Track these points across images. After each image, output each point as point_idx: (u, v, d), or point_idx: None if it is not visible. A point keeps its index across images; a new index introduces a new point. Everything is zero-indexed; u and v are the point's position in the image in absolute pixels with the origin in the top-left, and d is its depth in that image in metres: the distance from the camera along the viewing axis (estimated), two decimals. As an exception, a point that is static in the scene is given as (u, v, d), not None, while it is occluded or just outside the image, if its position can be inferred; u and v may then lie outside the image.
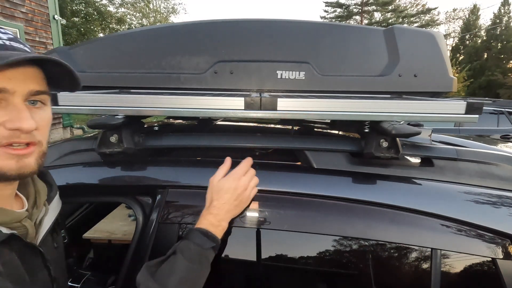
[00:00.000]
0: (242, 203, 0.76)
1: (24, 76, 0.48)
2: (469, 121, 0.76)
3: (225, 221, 0.74)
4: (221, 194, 0.75)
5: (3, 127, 0.46)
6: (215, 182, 0.78)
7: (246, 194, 0.77)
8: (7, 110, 0.46)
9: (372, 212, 0.81)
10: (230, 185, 0.75)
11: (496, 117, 5.03)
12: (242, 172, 0.78)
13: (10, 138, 0.46)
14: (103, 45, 1.05)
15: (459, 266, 0.79)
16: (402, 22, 26.53)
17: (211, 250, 0.69)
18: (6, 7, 6.00)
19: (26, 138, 0.48)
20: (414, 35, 1.01)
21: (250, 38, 1.01)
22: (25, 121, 0.47)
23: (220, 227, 0.73)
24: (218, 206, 0.74)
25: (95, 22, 17.26)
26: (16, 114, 0.46)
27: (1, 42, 0.47)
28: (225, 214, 0.74)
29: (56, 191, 0.67)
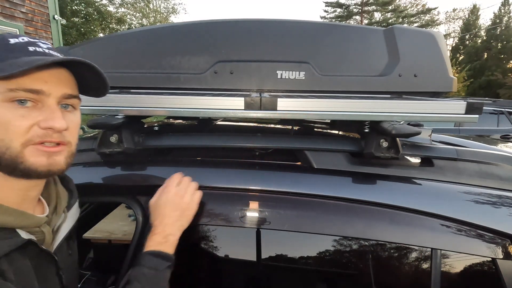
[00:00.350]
0: (185, 210, 0.76)
1: (58, 80, 0.51)
2: (469, 121, 0.76)
3: (174, 235, 0.73)
4: (159, 212, 0.76)
5: (37, 126, 0.49)
6: (151, 204, 0.79)
7: (185, 201, 0.77)
8: (42, 111, 0.49)
9: (372, 212, 0.81)
10: (164, 200, 0.76)
11: (496, 117, 5.03)
12: (173, 184, 0.78)
13: (43, 137, 0.49)
14: (103, 45, 1.05)
15: (459, 266, 0.79)
16: (402, 22, 26.53)
17: (167, 269, 0.68)
18: (6, 7, 6.00)
19: (57, 138, 0.51)
20: (414, 35, 1.01)
21: (250, 38, 1.01)
22: (58, 120, 0.50)
23: (168, 242, 0.72)
24: (159, 224, 0.74)
25: (95, 22, 17.26)
26: (50, 114, 0.49)
27: (41, 50, 0.51)
28: (170, 228, 0.73)
29: (76, 198, 0.68)
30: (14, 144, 0.47)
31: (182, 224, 0.76)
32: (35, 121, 0.48)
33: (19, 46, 0.49)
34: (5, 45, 0.49)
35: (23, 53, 0.49)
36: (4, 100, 0.46)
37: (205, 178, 0.89)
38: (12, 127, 0.47)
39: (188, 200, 0.78)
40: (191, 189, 0.80)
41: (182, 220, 0.76)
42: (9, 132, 0.47)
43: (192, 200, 0.78)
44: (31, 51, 0.50)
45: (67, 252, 0.64)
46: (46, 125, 0.49)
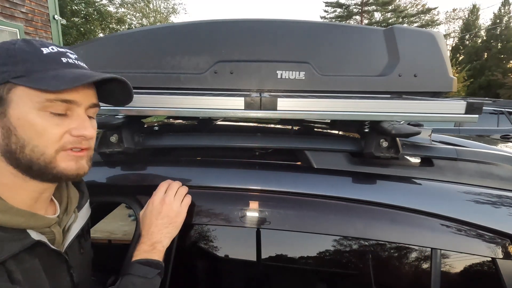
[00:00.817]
0: (174, 218, 0.76)
1: (88, 90, 0.55)
2: (469, 121, 0.76)
3: (161, 242, 0.73)
4: (145, 221, 0.76)
5: (69, 134, 0.52)
6: (140, 215, 0.79)
7: (173, 208, 0.76)
8: (73, 119, 0.52)
9: (372, 212, 0.81)
10: (150, 209, 0.77)
11: (496, 117, 5.04)
12: (160, 192, 0.78)
13: (74, 143, 0.53)
14: (103, 45, 1.05)
15: (459, 266, 0.79)
16: (402, 22, 26.53)
17: (157, 277, 0.68)
18: (6, 7, 6.00)
19: (85, 144, 0.54)
20: (414, 35, 1.01)
21: (250, 38, 1.01)
22: (89, 129, 0.54)
23: (155, 249, 0.71)
24: (146, 233, 0.74)
25: (95, 22, 17.25)
26: (81, 122, 0.53)
27: (72, 61, 0.54)
28: (157, 236, 0.73)
29: (87, 199, 0.70)
30: (49, 150, 0.50)
31: (170, 231, 0.75)
32: (67, 129, 0.52)
33: (53, 57, 0.51)
34: (38, 55, 0.50)
35: (59, 65, 0.51)
36: (41, 109, 0.49)
37: (205, 178, 0.89)
38: (48, 134, 0.50)
39: (176, 207, 0.77)
40: (179, 195, 0.79)
41: (170, 227, 0.75)
42: (45, 139, 0.50)
43: (180, 207, 0.78)
44: (65, 63, 0.52)
45: (78, 251, 0.65)
46: (78, 133, 0.52)
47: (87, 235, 0.72)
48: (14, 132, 0.48)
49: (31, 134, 0.49)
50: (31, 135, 0.49)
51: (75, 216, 0.64)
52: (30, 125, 0.49)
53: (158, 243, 0.73)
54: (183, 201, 0.79)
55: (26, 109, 0.48)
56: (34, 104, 0.48)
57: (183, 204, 0.79)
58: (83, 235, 0.69)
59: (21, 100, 0.48)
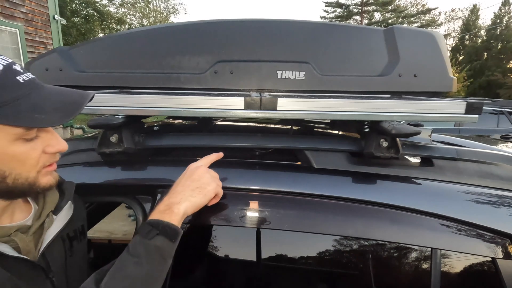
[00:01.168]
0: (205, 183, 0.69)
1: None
2: (469, 121, 0.76)
3: (179, 204, 0.64)
4: (177, 180, 0.71)
5: (43, 152, 0.53)
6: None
7: (205, 177, 0.70)
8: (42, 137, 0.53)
9: (372, 212, 0.81)
10: (184, 173, 0.73)
11: (496, 117, 5.04)
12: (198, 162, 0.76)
13: (51, 160, 0.55)
14: (103, 45, 1.05)
15: (459, 266, 0.79)
16: (402, 22, 26.54)
17: (160, 238, 0.59)
18: (6, 7, 6.00)
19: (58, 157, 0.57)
20: (414, 35, 1.01)
21: (250, 38, 1.01)
22: (62, 143, 0.55)
23: (170, 209, 0.63)
24: (171, 191, 0.68)
25: (95, 22, 17.25)
26: (53, 139, 0.54)
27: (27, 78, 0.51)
28: (177, 196, 0.65)
29: (68, 200, 0.67)
30: (32, 174, 0.52)
31: (196, 196, 0.66)
32: (42, 147, 0.53)
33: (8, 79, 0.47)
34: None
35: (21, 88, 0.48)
36: (17, 139, 0.49)
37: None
38: (28, 160, 0.51)
39: (208, 177, 0.71)
40: (212, 173, 0.74)
41: (196, 191, 0.67)
42: (27, 166, 0.51)
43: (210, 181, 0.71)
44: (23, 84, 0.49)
45: (62, 254, 0.63)
46: (54, 150, 0.54)
47: (80, 237, 0.70)
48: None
49: (13, 165, 0.49)
50: (13, 166, 0.49)
51: (50, 220, 0.61)
52: (10, 157, 0.49)
53: (175, 204, 0.64)
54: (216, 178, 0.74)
55: (3, 143, 0.47)
56: (11, 136, 0.48)
57: (216, 180, 0.74)
58: (75, 238, 0.68)
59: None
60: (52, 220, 0.62)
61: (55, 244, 0.61)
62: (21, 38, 6.33)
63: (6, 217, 0.56)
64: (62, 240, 0.64)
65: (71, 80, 0.98)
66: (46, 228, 0.60)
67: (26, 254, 0.55)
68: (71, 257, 0.65)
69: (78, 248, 0.69)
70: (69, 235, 0.66)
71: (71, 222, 0.67)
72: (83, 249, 0.71)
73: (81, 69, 1.00)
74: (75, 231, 0.68)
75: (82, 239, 0.71)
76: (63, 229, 0.64)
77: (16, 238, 0.54)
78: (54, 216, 0.62)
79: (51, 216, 0.62)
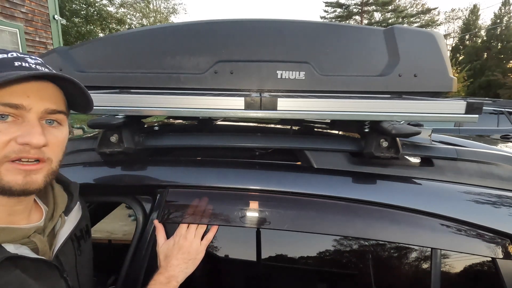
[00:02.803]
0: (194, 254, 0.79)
1: (41, 94, 0.50)
2: (469, 121, 0.76)
3: (177, 278, 0.75)
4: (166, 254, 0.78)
5: (15, 142, 0.47)
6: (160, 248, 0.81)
7: (194, 245, 0.79)
8: (21, 126, 0.48)
9: (372, 212, 0.81)
10: (172, 243, 0.79)
11: (496, 117, 5.03)
12: (182, 229, 0.81)
13: (19, 153, 0.48)
14: (103, 45, 1.05)
15: (459, 266, 0.79)
16: (402, 22, 26.54)
17: None
18: (6, 7, 6.00)
19: (35, 154, 0.49)
20: (414, 35, 1.01)
21: (250, 38, 1.01)
22: (35, 136, 0.48)
23: (171, 283, 0.74)
24: (166, 265, 0.76)
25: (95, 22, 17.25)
26: (28, 129, 0.48)
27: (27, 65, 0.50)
28: (175, 269, 0.76)
29: (77, 201, 0.68)
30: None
31: (188, 267, 0.78)
32: (13, 136, 0.47)
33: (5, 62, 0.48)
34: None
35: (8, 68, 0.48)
36: None
37: (205, 178, 0.89)
38: None
39: (197, 244, 0.80)
40: (199, 233, 0.82)
41: (189, 263, 0.78)
42: None
43: (200, 245, 0.80)
44: (16, 66, 0.48)
45: (73, 254, 0.64)
46: (23, 140, 0.47)
47: (86, 236, 0.71)
48: None
49: None
50: None
51: (62, 221, 0.62)
52: None
53: (174, 277, 0.75)
54: (203, 239, 0.82)
55: None
56: None
57: (203, 242, 0.81)
58: (81, 237, 0.69)
59: None
60: (64, 221, 0.63)
61: (66, 244, 0.62)
62: (21, 38, 6.33)
63: (23, 218, 0.56)
64: (72, 240, 0.65)
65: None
66: (59, 229, 0.61)
67: (42, 255, 0.55)
68: (80, 256, 0.66)
69: (85, 247, 0.70)
70: (76, 235, 0.67)
71: (79, 222, 0.68)
72: (89, 248, 0.73)
73: (81, 69, 1.00)
74: (81, 231, 0.69)
75: (88, 238, 0.73)
76: (74, 229, 0.65)
77: (35, 239, 0.54)
78: (66, 217, 0.63)
79: (63, 217, 0.63)
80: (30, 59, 0.52)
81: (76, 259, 0.65)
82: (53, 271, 0.57)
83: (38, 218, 0.59)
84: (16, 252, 0.50)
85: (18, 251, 0.51)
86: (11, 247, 0.50)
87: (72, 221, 0.66)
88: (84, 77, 0.99)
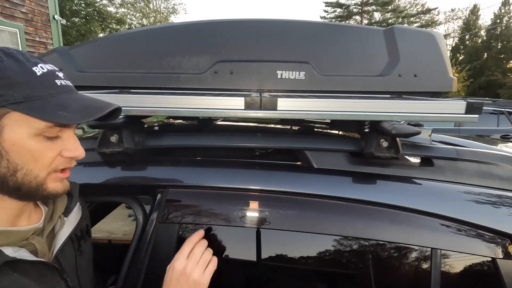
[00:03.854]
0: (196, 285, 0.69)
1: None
2: (469, 121, 0.76)
3: None
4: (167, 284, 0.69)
5: (60, 155, 0.53)
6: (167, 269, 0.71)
7: (192, 280, 0.68)
8: (63, 141, 0.53)
9: (372, 212, 0.81)
10: (170, 275, 0.69)
11: (496, 117, 5.04)
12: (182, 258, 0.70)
13: (65, 165, 0.54)
14: (103, 45, 1.05)
15: (459, 266, 0.79)
16: (402, 22, 26.54)
17: None
18: (6, 7, 6.00)
19: (74, 163, 0.56)
20: (414, 35, 1.01)
21: (250, 38, 1.01)
22: (80, 150, 0.55)
23: None
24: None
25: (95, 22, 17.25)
26: (73, 144, 0.54)
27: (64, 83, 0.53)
28: None
29: (76, 201, 0.68)
30: (42, 173, 0.51)
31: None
32: (59, 151, 0.52)
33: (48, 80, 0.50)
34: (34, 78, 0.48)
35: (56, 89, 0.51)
36: (37, 134, 0.49)
37: (205, 178, 0.89)
38: (44, 158, 0.50)
39: (198, 276, 0.69)
40: (203, 262, 0.71)
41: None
42: (40, 163, 0.50)
43: (202, 275, 0.70)
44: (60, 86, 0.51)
45: (73, 254, 0.65)
46: (71, 155, 0.53)
47: (86, 236, 0.71)
48: (6, 157, 0.48)
49: (27, 159, 0.49)
50: (27, 160, 0.49)
51: (62, 222, 0.62)
52: (26, 150, 0.48)
53: None
54: (206, 269, 0.71)
55: (23, 135, 0.48)
56: (32, 130, 0.48)
57: (207, 271, 0.71)
58: (81, 238, 0.69)
59: (17, 126, 0.47)
60: (64, 222, 0.63)
61: (66, 245, 0.62)
62: (21, 38, 6.33)
63: (24, 219, 0.56)
64: (72, 241, 0.65)
65: (71, 80, 0.96)
66: (58, 230, 0.61)
67: (42, 257, 0.55)
68: (80, 256, 0.66)
69: (85, 247, 0.70)
70: (77, 235, 0.67)
71: (79, 223, 0.68)
72: (90, 248, 0.72)
73: (81, 69, 1.00)
74: (81, 231, 0.69)
75: (88, 238, 0.72)
76: (73, 230, 0.65)
77: (34, 241, 0.55)
78: (65, 218, 0.64)
79: (62, 218, 0.63)
80: (58, 72, 0.53)
81: (76, 259, 0.65)
82: (53, 272, 0.57)
83: (37, 219, 0.59)
84: (15, 255, 0.50)
85: (16, 254, 0.51)
86: (9, 250, 0.50)
87: (72, 222, 0.66)
88: (84, 77, 0.99)
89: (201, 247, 0.73)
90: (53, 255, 0.58)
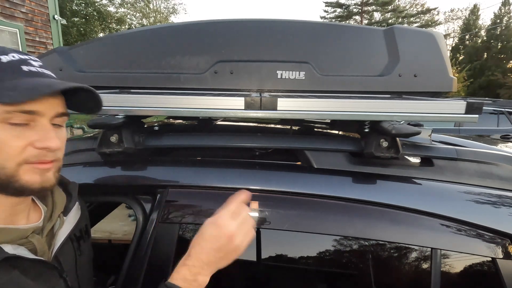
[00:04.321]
0: (228, 254, 0.61)
1: (53, 100, 0.52)
2: (469, 121, 0.76)
3: (204, 275, 0.60)
4: (201, 241, 0.61)
5: (32, 146, 0.49)
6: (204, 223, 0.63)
7: (233, 244, 0.61)
8: (35, 130, 0.50)
9: (372, 212, 0.81)
10: (211, 232, 0.61)
11: (496, 117, 5.04)
12: (227, 215, 0.62)
13: (38, 157, 0.50)
14: (103, 45, 1.05)
15: (459, 266, 0.79)
16: (402, 22, 26.56)
17: None
18: (6, 7, 6.00)
19: (51, 156, 0.52)
20: (414, 35, 1.01)
21: (250, 38, 1.01)
22: (53, 140, 0.51)
23: (196, 282, 0.59)
24: (195, 257, 0.61)
25: (95, 22, 17.26)
26: (45, 134, 0.50)
27: (34, 69, 0.51)
28: (203, 267, 0.60)
29: (75, 201, 0.68)
30: (9, 164, 0.48)
31: (218, 267, 0.62)
32: (29, 141, 0.49)
33: (13, 66, 0.49)
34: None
35: (19, 74, 0.49)
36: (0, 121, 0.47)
37: (205, 178, 0.89)
38: (7, 148, 0.47)
39: (238, 243, 0.61)
40: (245, 229, 0.64)
41: (220, 263, 0.62)
42: (4, 152, 0.47)
43: (240, 244, 0.62)
44: (26, 72, 0.50)
45: (72, 254, 0.64)
46: (42, 145, 0.50)
47: (85, 236, 0.71)
48: None
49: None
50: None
51: (61, 221, 0.62)
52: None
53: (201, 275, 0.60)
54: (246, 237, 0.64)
55: None
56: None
57: (245, 241, 0.63)
58: (81, 237, 0.68)
59: None
60: (63, 221, 0.63)
61: (65, 245, 0.62)
62: (21, 38, 6.33)
63: (22, 218, 0.56)
64: (71, 241, 0.65)
65: (71, 80, 0.97)
66: (58, 229, 0.61)
67: (41, 256, 0.55)
68: (80, 256, 0.66)
69: (85, 247, 0.70)
70: (76, 235, 0.67)
71: (78, 223, 0.68)
72: (89, 248, 0.72)
73: (81, 69, 1.00)
74: (80, 231, 0.69)
75: (87, 238, 0.72)
76: (73, 229, 0.65)
77: (33, 240, 0.55)
78: (64, 217, 0.63)
79: (62, 218, 0.62)
80: (33, 61, 0.52)
81: (75, 259, 0.65)
82: (52, 272, 0.57)
83: (37, 218, 0.59)
84: (14, 252, 0.50)
85: (16, 251, 0.51)
86: (9, 248, 0.50)
87: (71, 221, 0.66)
88: (84, 77, 0.99)
89: (245, 211, 0.65)
90: (52, 254, 0.58)
